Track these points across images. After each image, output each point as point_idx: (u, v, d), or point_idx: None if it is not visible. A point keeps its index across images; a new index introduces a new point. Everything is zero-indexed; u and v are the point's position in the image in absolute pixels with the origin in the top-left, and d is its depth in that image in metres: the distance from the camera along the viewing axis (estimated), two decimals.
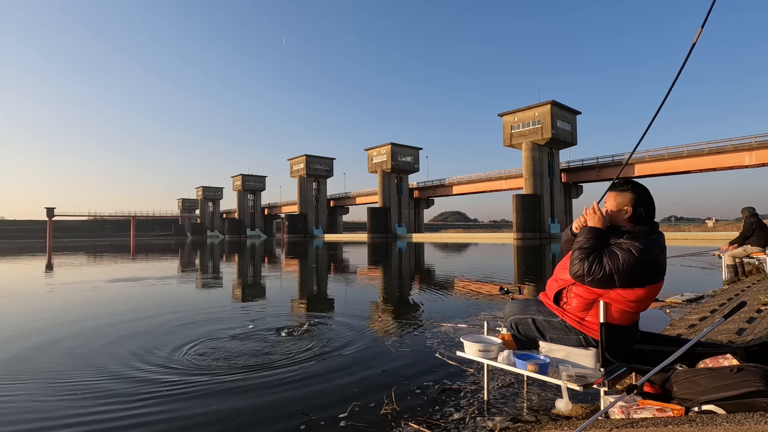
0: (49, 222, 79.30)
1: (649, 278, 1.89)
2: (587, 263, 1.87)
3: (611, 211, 2.03)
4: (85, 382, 3.14)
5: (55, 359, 3.75)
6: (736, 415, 1.47)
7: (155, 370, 3.35)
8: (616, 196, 2.03)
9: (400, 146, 64.57)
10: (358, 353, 3.76)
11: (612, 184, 2.13)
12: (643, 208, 1.98)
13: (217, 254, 24.25)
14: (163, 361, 3.59)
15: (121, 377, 3.23)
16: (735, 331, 3.20)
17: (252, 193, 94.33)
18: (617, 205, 2.02)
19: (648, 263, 1.85)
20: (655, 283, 1.92)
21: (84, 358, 3.76)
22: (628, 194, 2.01)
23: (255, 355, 3.72)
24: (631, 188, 2.02)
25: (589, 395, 2.52)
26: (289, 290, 8.77)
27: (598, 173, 47.23)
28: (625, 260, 1.83)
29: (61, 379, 3.22)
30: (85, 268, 15.02)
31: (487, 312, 5.66)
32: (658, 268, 1.91)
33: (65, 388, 3.03)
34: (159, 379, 3.16)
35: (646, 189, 2.03)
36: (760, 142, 37.59)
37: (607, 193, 2.12)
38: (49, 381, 3.18)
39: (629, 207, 1.99)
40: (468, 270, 12.75)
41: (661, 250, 1.94)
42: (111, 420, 2.50)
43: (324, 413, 2.51)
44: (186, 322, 5.22)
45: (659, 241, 1.95)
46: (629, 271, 1.83)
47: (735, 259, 7.25)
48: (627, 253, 1.84)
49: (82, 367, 3.50)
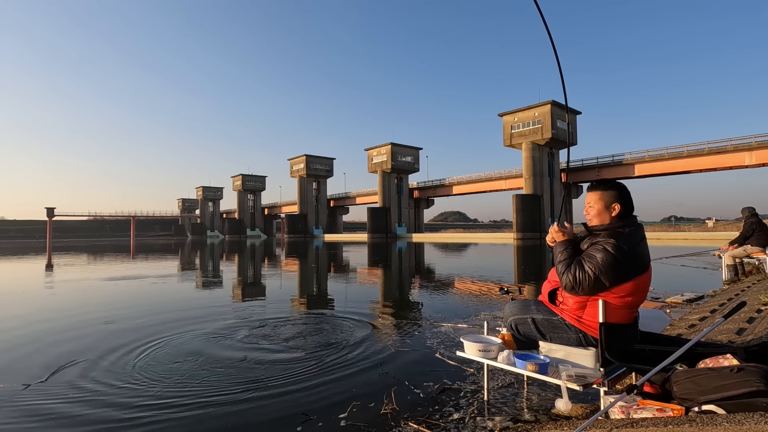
0: (49, 222, 79.29)
1: (633, 270, 1.92)
2: (570, 273, 1.94)
3: (597, 211, 2.07)
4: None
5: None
6: (736, 415, 1.47)
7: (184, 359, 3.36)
8: (602, 195, 2.07)
9: (400, 146, 64.58)
10: (357, 353, 3.75)
11: (591, 185, 2.16)
12: (628, 204, 2.05)
13: (217, 254, 24.25)
14: (169, 359, 3.60)
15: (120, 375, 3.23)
16: (735, 331, 3.20)
17: (252, 193, 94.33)
18: (604, 205, 2.05)
19: (627, 257, 1.89)
20: (641, 273, 1.95)
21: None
22: (614, 192, 2.06)
23: (255, 355, 3.72)
24: (615, 186, 2.08)
25: (589, 395, 2.52)
26: (289, 290, 8.76)
27: (598, 173, 47.23)
28: (603, 260, 1.88)
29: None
30: (77, 268, 15.02)
31: (487, 312, 5.66)
32: (639, 259, 1.95)
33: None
34: (173, 368, 3.16)
35: (626, 186, 2.11)
36: (760, 142, 37.59)
37: (587, 194, 2.16)
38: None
39: (617, 204, 2.03)
40: (468, 270, 12.75)
41: (639, 240, 1.98)
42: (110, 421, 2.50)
43: (323, 413, 2.50)
44: (195, 320, 5.22)
45: (636, 232, 1.99)
46: (611, 269, 1.87)
47: (735, 259, 7.25)
48: (603, 252, 1.90)
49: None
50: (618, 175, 46.11)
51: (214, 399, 2.75)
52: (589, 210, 2.11)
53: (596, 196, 2.08)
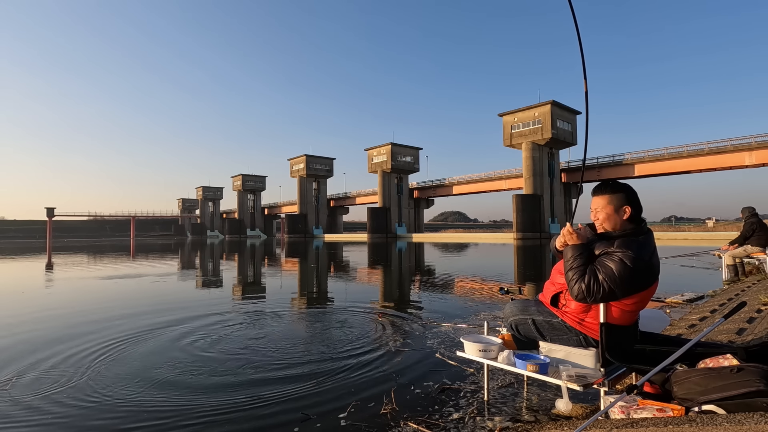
0: (49, 222, 79.29)
1: (646, 282, 1.88)
2: (584, 283, 1.84)
3: (607, 216, 1.97)
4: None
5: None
6: (736, 415, 1.47)
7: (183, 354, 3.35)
8: (610, 199, 1.97)
9: (400, 146, 64.57)
10: (357, 353, 3.75)
11: (596, 187, 2.04)
12: (637, 205, 1.98)
13: (217, 254, 24.24)
14: (169, 356, 3.59)
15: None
16: (735, 331, 3.20)
17: (252, 193, 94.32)
18: (614, 208, 1.97)
19: (643, 270, 1.83)
20: (652, 284, 1.92)
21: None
22: (622, 194, 1.97)
23: (253, 355, 3.72)
24: (622, 188, 1.99)
25: (589, 395, 2.52)
26: (289, 290, 8.76)
27: (598, 173, 47.23)
28: (619, 272, 1.79)
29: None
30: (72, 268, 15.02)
31: (487, 312, 5.66)
32: (652, 271, 1.89)
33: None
34: (169, 360, 3.16)
35: (632, 187, 2.02)
36: (760, 142, 37.58)
37: (592, 198, 2.05)
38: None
39: (628, 206, 1.96)
40: (468, 270, 12.75)
41: (653, 251, 1.91)
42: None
43: (323, 413, 2.50)
44: (198, 317, 5.22)
45: (649, 241, 1.92)
46: (626, 282, 1.81)
47: (735, 259, 7.25)
48: (620, 264, 1.80)
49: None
50: (618, 175, 46.11)
51: (214, 399, 2.75)
52: (597, 215, 2.01)
53: (604, 200, 1.99)
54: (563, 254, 2.01)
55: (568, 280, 1.91)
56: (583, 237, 1.98)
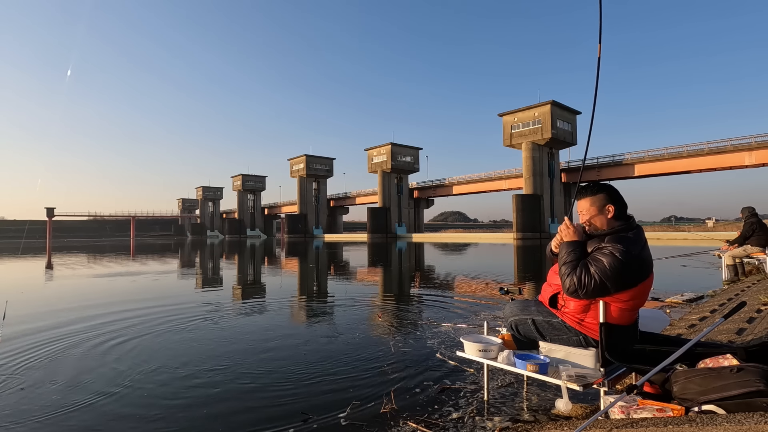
0: (49, 222, 79.33)
1: (639, 276, 1.90)
2: (575, 276, 1.89)
3: (593, 217, 2.03)
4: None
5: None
6: (736, 415, 1.47)
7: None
8: (593, 201, 2.04)
9: (400, 146, 64.60)
10: (357, 352, 3.75)
11: (578, 191, 2.10)
12: (621, 203, 2.03)
13: (217, 254, 24.24)
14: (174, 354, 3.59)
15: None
16: (735, 331, 3.20)
17: (252, 193, 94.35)
18: (597, 209, 2.02)
19: (633, 263, 1.87)
20: (645, 279, 1.93)
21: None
22: (602, 194, 2.03)
23: (253, 355, 3.72)
24: (603, 188, 2.05)
25: (589, 395, 2.52)
26: (289, 289, 8.77)
27: (598, 173, 47.24)
28: (611, 265, 1.83)
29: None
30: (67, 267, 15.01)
31: (487, 312, 5.66)
32: (644, 264, 1.92)
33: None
34: (169, 366, 3.16)
35: (613, 186, 2.08)
36: (760, 142, 37.60)
37: (577, 202, 2.11)
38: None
39: (611, 206, 2.01)
40: (468, 270, 12.75)
41: (643, 245, 1.96)
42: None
43: (323, 413, 2.50)
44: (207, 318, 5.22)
45: (639, 236, 1.97)
46: (618, 276, 1.84)
47: (735, 259, 7.25)
48: (611, 257, 1.85)
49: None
50: (618, 175, 46.14)
51: (214, 399, 2.75)
52: (583, 217, 2.08)
53: (587, 202, 2.05)
54: (559, 251, 2.07)
55: (561, 275, 1.97)
56: (579, 232, 2.05)
